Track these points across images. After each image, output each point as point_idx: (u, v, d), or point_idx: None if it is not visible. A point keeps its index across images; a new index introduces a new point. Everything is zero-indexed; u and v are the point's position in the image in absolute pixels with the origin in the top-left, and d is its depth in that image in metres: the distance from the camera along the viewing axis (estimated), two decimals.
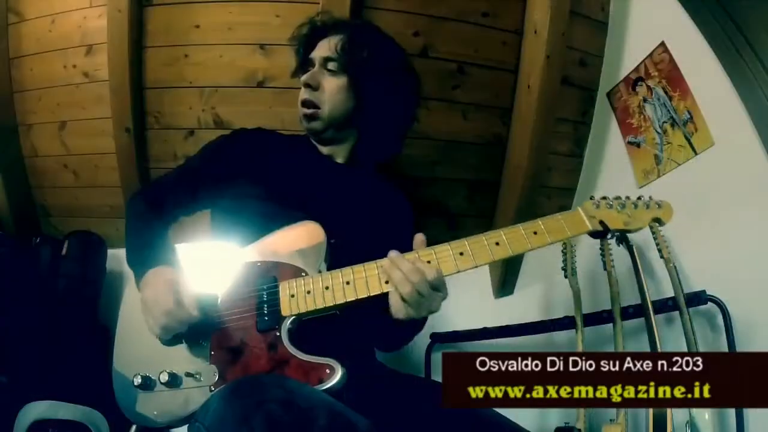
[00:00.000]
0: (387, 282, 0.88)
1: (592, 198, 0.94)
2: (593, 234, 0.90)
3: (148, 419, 0.87)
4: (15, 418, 1.45)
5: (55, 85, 1.80)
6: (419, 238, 0.92)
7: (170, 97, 1.74)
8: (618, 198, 0.94)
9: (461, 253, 0.88)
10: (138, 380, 0.87)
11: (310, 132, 1.16)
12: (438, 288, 0.87)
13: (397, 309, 0.87)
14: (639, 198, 0.94)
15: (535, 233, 0.89)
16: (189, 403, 0.85)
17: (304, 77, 1.14)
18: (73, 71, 1.76)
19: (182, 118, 1.75)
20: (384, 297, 0.89)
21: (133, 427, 1.16)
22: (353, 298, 0.89)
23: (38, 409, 1.45)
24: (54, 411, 1.46)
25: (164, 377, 0.86)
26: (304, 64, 1.18)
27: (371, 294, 0.89)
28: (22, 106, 1.86)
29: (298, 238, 0.97)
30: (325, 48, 1.15)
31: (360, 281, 0.89)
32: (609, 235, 0.92)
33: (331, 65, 1.13)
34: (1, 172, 1.86)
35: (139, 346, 0.93)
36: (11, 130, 1.87)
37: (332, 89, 1.12)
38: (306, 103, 1.13)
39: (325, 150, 1.19)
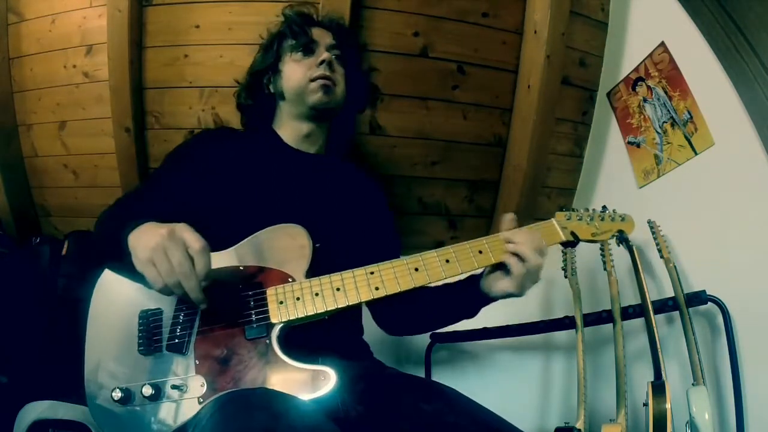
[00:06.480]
0: (517, 255, 0.90)
1: (561, 209, 1.02)
2: (564, 243, 0.97)
3: None
4: (15, 418, 1.45)
5: (55, 85, 1.79)
6: (509, 216, 0.97)
7: (170, 97, 1.74)
8: (587, 210, 1.02)
9: (447, 261, 0.92)
10: (117, 394, 0.81)
11: (321, 106, 1.16)
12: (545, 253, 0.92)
13: (517, 284, 0.90)
14: (603, 210, 1.01)
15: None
16: (176, 417, 0.80)
17: (326, 55, 1.16)
18: (73, 71, 1.76)
19: (182, 118, 1.75)
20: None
21: None
22: (344, 305, 0.89)
23: (38, 409, 1.45)
24: (54, 411, 1.46)
25: (147, 390, 0.80)
26: (309, 43, 1.20)
27: (362, 300, 0.90)
28: (22, 106, 1.85)
29: (283, 242, 0.95)
30: (326, 36, 1.21)
31: (350, 287, 0.90)
32: (575, 246, 1.00)
33: (335, 53, 1.20)
34: (1, 172, 1.86)
35: (114, 357, 0.85)
36: (11, 130, 1.87)
37: (341, 75, 1.21)
38: (324, 77, 1.15)
39: (296, 143, 1.19)
